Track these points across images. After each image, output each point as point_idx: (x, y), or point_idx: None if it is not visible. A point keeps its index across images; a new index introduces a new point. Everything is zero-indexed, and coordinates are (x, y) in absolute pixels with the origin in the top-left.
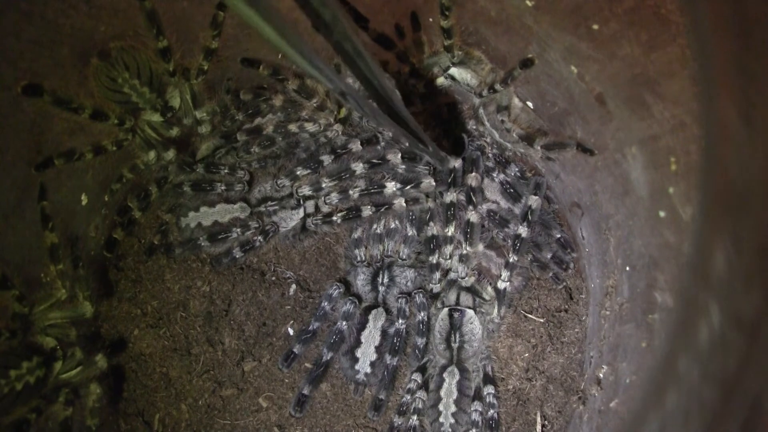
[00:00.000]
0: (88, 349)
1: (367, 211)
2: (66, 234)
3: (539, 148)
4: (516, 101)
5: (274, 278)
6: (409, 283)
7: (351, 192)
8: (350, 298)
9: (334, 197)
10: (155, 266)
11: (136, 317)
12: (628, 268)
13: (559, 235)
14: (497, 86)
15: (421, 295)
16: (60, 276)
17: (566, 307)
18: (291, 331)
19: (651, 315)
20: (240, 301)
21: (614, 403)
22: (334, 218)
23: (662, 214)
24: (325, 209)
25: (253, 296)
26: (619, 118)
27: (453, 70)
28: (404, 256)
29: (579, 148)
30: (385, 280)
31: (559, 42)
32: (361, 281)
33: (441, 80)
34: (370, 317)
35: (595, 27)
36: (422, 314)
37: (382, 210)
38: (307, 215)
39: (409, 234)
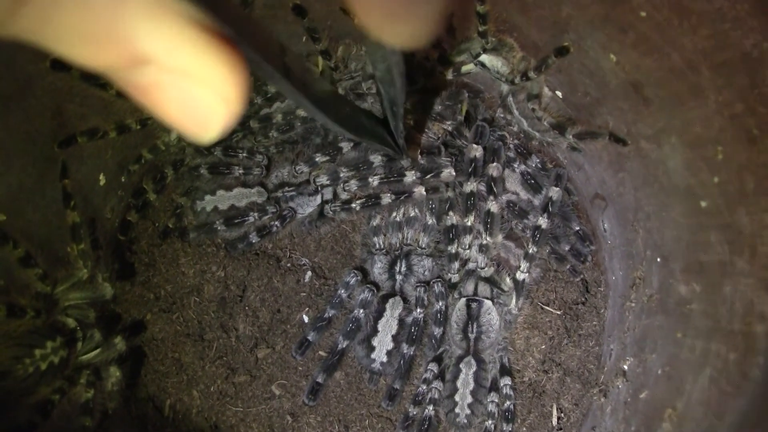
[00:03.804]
0: (105, 332)
1: (386, 198)
2: (84, 214)
3: (571, 137)
4: (545, 90)
5: (289, 265)
6: (426, 272)
7: (370, 179)
8: (368, 285)
9: (353, 184)
10: (169, 250)
11: (149, 301)
12: (659, 260)
13: (577, 228)
14: (531, 74)
15: (439, 284)
16: (81, 255)
17: (583, 299)
18: (306, 319)
19: (688, 306)
20: (255, 287)
21: (644, 394)
22: (353, 205)
23: (704, 204)
24: (344, 196)
25: (268, 282)
26: (660, 108)
27: (483, 57)
28: (423, 245)
29: (611, 138)
30: (403, 269)
31: (600, 30)
32: (378, 269)
33: (470, 67)
34: (388, 306)
35: (643, 14)
36: (440, 304)
37: (402, 198)
38: (324, 202)
39: (429, 223)
